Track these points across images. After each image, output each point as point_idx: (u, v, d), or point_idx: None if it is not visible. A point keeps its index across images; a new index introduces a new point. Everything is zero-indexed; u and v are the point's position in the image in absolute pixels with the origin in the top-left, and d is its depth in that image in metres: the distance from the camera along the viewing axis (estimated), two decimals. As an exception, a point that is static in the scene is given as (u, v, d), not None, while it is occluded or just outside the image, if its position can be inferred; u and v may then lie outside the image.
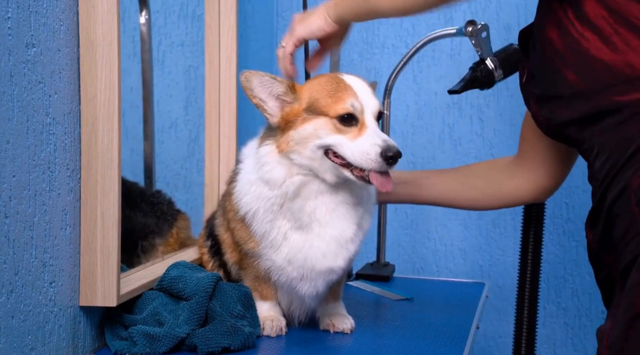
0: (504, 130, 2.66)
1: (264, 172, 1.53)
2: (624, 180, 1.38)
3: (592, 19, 1.39)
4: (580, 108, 1.44)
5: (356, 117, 1.49)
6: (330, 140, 1.49)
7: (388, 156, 1.45)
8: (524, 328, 2.15)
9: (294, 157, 1.51)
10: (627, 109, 1.37)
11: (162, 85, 2.19)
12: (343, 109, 1.48)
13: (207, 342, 1.45)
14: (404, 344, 1.58)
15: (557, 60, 1.46)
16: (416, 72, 2.70)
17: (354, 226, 1.56)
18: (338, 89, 1.51)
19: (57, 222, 1.39)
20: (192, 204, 2.19)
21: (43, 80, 1.33)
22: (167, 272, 1.57)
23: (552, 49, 1.46)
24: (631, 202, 1.37)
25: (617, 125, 1.40)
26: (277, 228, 1.54)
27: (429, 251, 2.74)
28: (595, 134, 1.44)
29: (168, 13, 2.25)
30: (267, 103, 1.54)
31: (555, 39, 1.45)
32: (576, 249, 2.63)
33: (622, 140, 1.39)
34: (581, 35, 1.41)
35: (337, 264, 1.56)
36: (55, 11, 1.36)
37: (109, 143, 1.44)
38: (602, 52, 1.38)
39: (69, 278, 1.43)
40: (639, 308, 1.33)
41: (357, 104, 1.50)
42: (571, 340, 2.66)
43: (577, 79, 1.43)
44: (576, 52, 1.42)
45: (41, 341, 1.35)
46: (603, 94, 1.40)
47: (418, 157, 2.73)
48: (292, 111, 1.52)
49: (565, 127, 1.50)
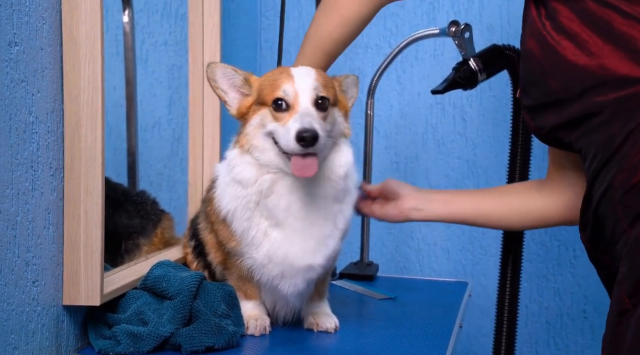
0: (487, 130, 2.68)
1: (235, 173, 1.55)
2: (607, 180, 1.41)
3: (566, 27, 1.43)
4: (565, 113, 1.47)
5: (288, 102, 1.49)
6: (269, 127, 1.51)
7: (301, 137, 1.42)
8: (504, 327, 2.16)
9: (255, 154, 1.53)
10: (607, 109, 1.40)
11: (145, 84, 2.19)
12: (275, 95, 1.50)
13: (191, 341, 1.45)
14: (387, 343, 1.58)
15: (538, 70, 1.50)
16: (399, 72, 2.71)
17: (329, 223, 1.56)
18: (278, 78, 1.52)
19: (40, 221, 1.38)
20: (176, 203, 2.19)
21: (26, 79, 1.33)
22: (151, 271, 1.57)
23: (533, 60, 1.50)
24: (614, 201, 1.39)
25: (600, 126, 1.43)
26: (257, 226, 1.55)
27: (413, 250, 2.75)
28: (582, 136, 1.47)
29: (151, 12, 2.24)
30: (228, 94, 1.58)
31: (534, 49, 1.49)
32: (558, 248, 2.65)
33: (605, 141, 1.42)
34: (558, 43, 1.45)
35: (316, 262, 1.56)
36: (38, 9, 1.36)
37: (92, 142, 1.43)
38: (578, 57, 1.42)
39: (52, 277, 1.42)
40: (626, 304, 1.34)
41: (290, 89, 1.50)
42: (553, 340, 2.68)
43: (558, 86, 1.46)
44: (554, 60, 1.46)
45: (24, 340, 1.35)
46: (584, 97, 1.43)
47: (401, 157, 2.73)
48: (246, 103, 1.56)
49: (556, 131, 1.53)
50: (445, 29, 2.03)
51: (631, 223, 1.37)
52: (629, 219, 1.37)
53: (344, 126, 1.60)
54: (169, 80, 2.28)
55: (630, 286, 1.34)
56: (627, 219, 1.37)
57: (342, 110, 1.60)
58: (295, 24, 2.79)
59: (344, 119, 1.60)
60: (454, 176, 2.71)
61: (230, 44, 2.51)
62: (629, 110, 1.38)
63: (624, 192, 1.38)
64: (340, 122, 1.58)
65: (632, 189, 1.37)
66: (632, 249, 1.36)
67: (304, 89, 1.50)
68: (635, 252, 1.35)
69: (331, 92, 1.54)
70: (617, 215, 1.39)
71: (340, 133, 1.59)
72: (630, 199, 1.37)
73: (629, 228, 1.37)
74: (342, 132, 1.59)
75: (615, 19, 1.39)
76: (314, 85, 1.51)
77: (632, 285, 1.34)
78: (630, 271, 1.35)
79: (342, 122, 1.59)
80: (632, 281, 1.34)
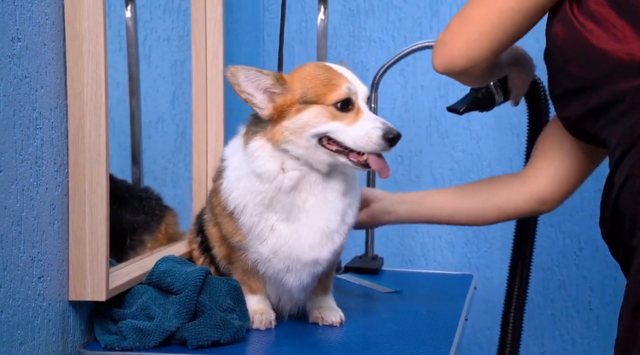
0: (491, 123, 2.67)
1: (256, 165, 1.53)
2: (626, 171, 1.37)
3: (594, 12, 1.40)
4: (589, 100, 1.44)
5: (353, 102, 1.51)
6: (327, 127, 1.50)
7: (390, 138, 1.48)
8: (510, 320, 2.16)
9: (289, 147, 1.51)
10: (629, 97, 1.37)
11: (148, 80, 2.18)
12: (340, 95, 1.50)
13: (196, 336, 1.45)
14: (392, 336, 1.58)
15: (560, 57, 1.47)
16: (403, 65, 2.70)
17: (338, 217, 1.57)
18: (331, 77, 1.52)
19: (45, 217, 1.38)
20: (180, 199, 2.18)
21: (29, 75, 1.33)
22: (156, 267, 1.57)
23: (555, 44, 1.47)
24: (634, 192, 1.36)
25: (622, 114, 1.40)
26: (265, 220, 1.55)
27: (417, 244, 2.75)
28: (606, 126, 1.44)
29: (154, 7, 2.24)
30: (255, 97, 1.53)
31: (559, 33, 1.46)
32: (563, 240, 2.65)
33: (625, 130, 1.39)
34: (584, 27, 1.41)
35: (322, 256, 1.56)
36: (41, 5, 1.36)
37: (96, 138, 1.43)
38: (604, 42, 1.39)
39: (57, 273, 1.43)
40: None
41: (353, 88, 1.52)
42: (559, 332, 2.68)
43: (582, 72, 1.43)
44: (578, 44, 1.42)
45: (30, 336, 1.35)
46: (608, 83, 1.40)
47: (405, 151, 2.73)
48: (285, 102, 1.52)
49: (582, 122, 1.50)
50: None
51: None
52: None
53: None
54: (172, 75, 2.28)
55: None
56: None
57: None
58: (298, 18, 2.78)
59: None
60: (458, 169, 2.70)
61: (233, 38, 2.51)
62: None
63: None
64: None
65: None
66: None
67: (361, 89, 1.54)
68: None
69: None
70: (637, 206, 1.36)
71: None
72: None
73: None
74: None
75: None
76: (365, 86, 1.55)
77: None
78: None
79: None
80: None
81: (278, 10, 2.79)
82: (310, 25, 2.74)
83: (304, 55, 2.74)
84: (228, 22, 2.35)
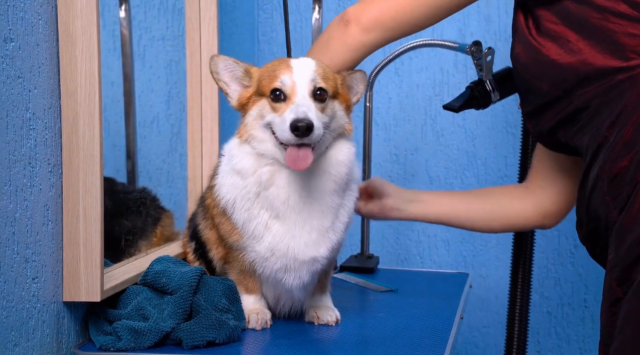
0: (486, 122, 2.67)
1: (234, 163, 1.56)
2: (595, 173, 1.43)
3: (549, 30, 1.48)
4: (559, 111, 1.51)
5: (285, 93, 1.49)
6: (268, 118, 1.51)
7: (296, 126, 1.42)
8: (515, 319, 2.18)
9: (253, 144, 1.53)
10: (593, 102, 1.43)
11: (143, 79, 2.18)
12: (272, 86, 1.50)
13: (192, 336, 1.44)
14: (388, 335, 1.58)
15: (527, 75, 1.53)
16: (398, 64, 2.70)
17: (331, 215, 1.56)
18: (277, 69, 1.52)
19: (38, 218, 1.38)
20: (176, 199, 2.18)
21: (22, 75, 1.32)
22: (150, 267, 1.57)
23: (521, 65, 1.54)
24: (603, 192, 1.40)
25: (589, 120, 1.46)
26: (258, 218, 1.54)
27: (413, 242, 2.75)
28: (577, 133, 1.50)
29: (148, 7, 2.24)
30: (230, 86, 1.58)
31: (521, 54, 1.53)
32: (558, 238, 2.65)
33: (593, 134, 1.45)
34: (542, 46, 1.48)
35: (320, 254, 1.56)
36: (34, 5, 1.35)
37: (90, 138, 1.43)
38: (561, 56, 1.46)
39: (51, 274, 1.42)
40: (617, 292, 1.34)
41: (287, 79, 1.50)
42: (554, 329, 2.68)
43: (549, 87, 1.50)
44: (540, 62, 1.49)
45: (25, 337, 1.34)
46: (572, 94, 1.46)
47: (401, 149, 2.73)
48: (246, 94, 1.56)
49: (554, 133, 1.56)
50: (464, 45, 2.03)
51: (620, 211, 1.37)
52: (619, 208, 1.37)
53: (344, 121, 1.58)
54: (166, 75, 2.27)
55: (619, 273, 1.35)
56: (617, 208, 1.38)
57: (344, 103, 1.58)
58: (293, 17, 2.77)
59: (345, 113, 1.59)
60: (454, 168, 2.70)
61: (228, 38, 2.50)
62: (610, 101, 1.41)
63: (609, 180, 1.39)
64: (340, 116, 1.57)
65: (616, 177, 1.38)
66: (618, 235, 1.37)
67: (302, 79, 1.49)
68: (620, 238, 1.36)
69: (331, 85, 1.54)
70: (607, 206, 1.40)
71: (340, 127, 1.57)
72: (616, 187, 1.38)
73: (618, 216, 1.37)
74: (342, 127, 1.58)
75: (591, 14, 1.42)
76: (312, 76, 1.50)
77: (621, 272, 1.35)
78: (617, 258, 1.36)
79: (342, 116, 1.58)
80: (620, 268, 1.35)
81: (273, 9, 2.80)
82: (305, 24, 2.74)
83: (300, 54, 2.73)
84: (223, 21, 2.34)
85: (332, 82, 1.55)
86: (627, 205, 1.36)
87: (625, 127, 1.38)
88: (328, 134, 1.52)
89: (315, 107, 1.48)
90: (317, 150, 1.51)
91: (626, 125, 1.38)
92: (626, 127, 1.38)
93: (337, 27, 1.65)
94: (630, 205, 1.35)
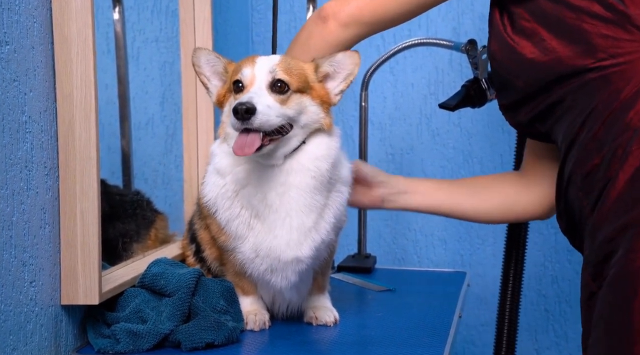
0: (482, 120, 2.67)
1: (214, 162, 1.56)
2: (570, 167, 1.46)
3: (524, 28, 1.49)
4: (536, 106, 1.52)
5: (244, 84, 1.48)
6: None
7: (235, 109, 1.40)
8: (506, 316, 2.17)
9: (229, 142, 1.51)
10: (568, 97, 1.45)
11: (137, 81, 2.18)
12: (235, 78, 1.50)
13: (190, 338, 1.44)
14: (386, 334, 1.58)
15: (503, 71, 1.54)
16: (392, 63, 2.70)
17: (313, 214, 1.52)
18: (242, 63, 1.52)
19: (36, 221, 1.37)
20: (171, 201, 2.18)
21: (18, 78, 1.32)
22: (148, 269, 1.56)
23: (496, 62, 1.55)
24: (577, 187, 1.43)
25: (564, 113, 1.48)
26: (240, 217, 1.53)
27: (410, 242, 2.75)
28: (553, 125, 1.53)
29: (142, 9, 2.23)
30: (211, 81, 1.58)
31: (496, 51, 1.54)
32: (555, 235, 2.65)
33: (567, 128, 1.47)
34: (517, 44, 1.49)
35: (303, 253, 1.53)
36: (28, 8, 1.35)
37: (86, 140, 1.43)
38: (536, 55, 1.47)
39: (49, 277, 1.42)
40: (592, 287, 1.38)
41: (248, 72, 1.48)
42: (552, 327, 2.69)
43: (524, 84, 1.51)
44: (515, 60, 1.50)
45: (23, 341, 1.34)
46: (549, 89, 1.48)
47: (397, 149, 2.73)
48: (222, 91, 1.56)
49: (532, 124, 1.58)
50: (459, 44, 2.03)
51: (592, 208, 1.40)
52: (591, 205, 1.40)
53: (319, 116, 1.53)
54: (161, 77, 2.27)
55: (592, 268, 1.38)
56: (590, 205, 1.41)
57: (317, 99, 1.53)
58: (286, 17, 2.78)
59: (321, 108, 1.54)
60: (450, 166, 2.71)
61: (222, 39, 2.50)
62: (582, 98, 1.43)
63: (582, 177, 1.42)
64: (313, 111, 1.52)
65: (588, 175, 1.41)
66: (590, 233, 1.39)
67: (260, 72, 1.48)
68: (592, 236, 1.39)
69: (296, 79, 1.50)
70: (581, 201, 1.43)
71: (315, 122, 1.53)
72: (589, 184, 1.41)
73: (590, 213, 1.40)
74: (317, 122, 1.53)
75: (566, 13, 1.43)
76: (272, 68, 1.48)
77: (594, 267, 1.37)
78: (590, 254, 1.39)
79: (316, 111, 1.53)
80: (593, 263, 1.38)
81: (267, 10, 2.79)
82: (299, 24, 2.74)
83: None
84: (217, 22, 2.34)
85: (298, 77, 1.51)
86: (598, 203, 1.38)
87: (596, 125, 1.40)
88: (298, 128, 1.50)
89: (274, 99, 1.46)
90: (286, 145, 1.49)
91: (596, 123, 1.40)
92: (596, 126, 1.40)
93: (315, 23, 1.65)
94: (602, 203, 1.37)
